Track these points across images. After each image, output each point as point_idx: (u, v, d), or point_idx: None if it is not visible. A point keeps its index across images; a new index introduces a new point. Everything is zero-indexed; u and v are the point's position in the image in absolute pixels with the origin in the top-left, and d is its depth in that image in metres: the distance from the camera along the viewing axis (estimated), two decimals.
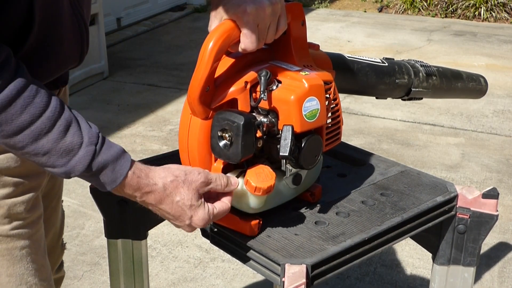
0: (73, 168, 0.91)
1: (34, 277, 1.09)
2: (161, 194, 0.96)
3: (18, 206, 1.04)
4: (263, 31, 1.02)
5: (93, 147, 0.92)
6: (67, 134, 0.90)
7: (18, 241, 1.06)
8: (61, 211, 1.41)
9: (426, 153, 3.64)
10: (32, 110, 0.88)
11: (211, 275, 2.53)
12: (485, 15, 6.83)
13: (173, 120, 4.11)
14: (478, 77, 1.68)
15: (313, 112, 1.04)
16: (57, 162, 0.91)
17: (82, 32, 1.08)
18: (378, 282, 2.48)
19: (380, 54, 5.37)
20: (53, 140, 0.89)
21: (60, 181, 1.35)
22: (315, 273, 1.02)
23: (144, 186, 0.96)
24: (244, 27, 0.99)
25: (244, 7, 0.98)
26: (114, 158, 0.94)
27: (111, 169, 0.93)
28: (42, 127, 0.89)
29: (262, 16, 1.00)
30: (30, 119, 0.88)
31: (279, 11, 1.02)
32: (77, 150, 0.91)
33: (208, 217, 0.99)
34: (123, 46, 5.83)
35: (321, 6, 7.55)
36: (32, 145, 0.89)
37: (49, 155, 0.90)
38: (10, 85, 0.86)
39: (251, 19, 0.99)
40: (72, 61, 1.10)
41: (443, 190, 1.25)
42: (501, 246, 2.73)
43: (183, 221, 0.99)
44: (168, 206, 0.97)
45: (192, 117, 1.05)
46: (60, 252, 1.43)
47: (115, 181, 0.94)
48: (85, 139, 0.92)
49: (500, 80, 4.88)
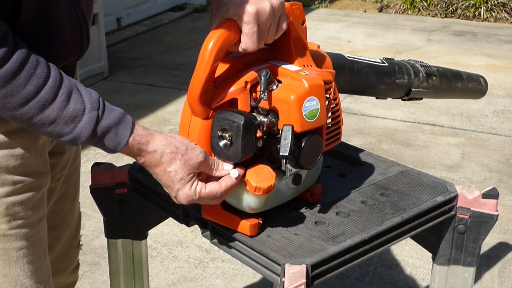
0: (79, 135, 0.94)
1: (30, 279, 1.08)
2: (157, 160, 0.99)
3: (17, 205, 1.03)
4: (264, 31, 1.02)
5: (95, 112, 0.95)
6: (70, 102, 0.93)
7: (15, 242, 1.05)
8: (77, 212, 1.40)
9: (426, 153, 3.64)
10: (36, 81, 0.90)
11: (211, 275, 2.53)
12: (485, 15, 6.83)
13: (173, 120, 4.11)
14: (478, 77, 1.68)
15: (313, 112, 1.04)
16: (64, 130, 0.93)
17: (81, 25, 1.08)
18: (378, 282, 2.47)
19: (380, 54, 5.36)
20: (58, 108, 0.92)
21: (75, 181, 1.35)
22: (315, 273, 1.02)
23: (143, 151, 0.99)
24: (245, 27, 1.00)
25: (245, 7, 0.99)
26: (116, 121, 0.97)
27: (114, 133, 0.96)
28: (46, 97, 0.91)
29: (263, 16, 1.00)
30: (34, 89, 0.90)
31: (279, 12, 1.03)
32: (81, 116, 0.93)
33: (193, 194, 1.00)
34: (123, 46, 5.83)
35: (321, 6, 7.55)
36: (39, 116, 0.91)
37: (55, 124, 0.93)
38: (13, 57, 0.88)
39: (252, 19, 0.99)
40: (73, 52, 1.10)
41: (443, 190, 1.25)
42: (501, 246, 2.73)
43: (171, 192, 1.02)
44: (161, 173, 1.00)
45: (192, 117, 1.05)
46: (75, 252, 1.42)
47: (119, 144, 0.97)
48: (87, 105, 0.94)
49: (500, 80, 4.88)
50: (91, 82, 4.72)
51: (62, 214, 1.30)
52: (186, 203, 1.02)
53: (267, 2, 1.00)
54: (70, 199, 1.33)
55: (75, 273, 1.44)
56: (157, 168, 1.00)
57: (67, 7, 1.04)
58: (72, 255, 1.40)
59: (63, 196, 1.29)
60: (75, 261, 1.43)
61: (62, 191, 1.28)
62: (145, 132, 1.00)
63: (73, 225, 1.38)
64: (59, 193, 1.27)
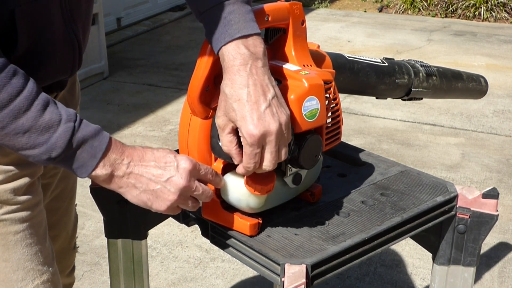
0: (54, 145, 0.92)
1: (31, 262, 1.08)
2: (141, 151, 0.97)
3: (9, 192, 1.04)
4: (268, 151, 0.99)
5: (71, 123, 0.93)
6: (45, 112, 0.92)
7: (11, 226, 1.05)
8: (74, 213, 1.40)
9: (426, 153, 3.64)
10: (10, 90, 0.89)
11: (211, 275, 2.53)
12: (485, 15, 6.83)
13: (173, 120, 4.11)
14: (478, 78, 1.68)
15: (313, 112, 1.04)
16: (38, 140, 0.92)
17: (75, 48, 1.10)
18: (378, 282, 2.47)
19: (380, 54, 5.37)
20: (32, 118, 0.91)
21: (72, 182, 1.35)
22: (315, 273, 1.02)
23: (124, 149, 0.96)
24: (247, 148, 0.97)
25: (250, 127, 0.95)
26: (92, 134, 0.95)
27: (90, 145, 0.94)
28: (20, 105, 0.90)
29: (269, 138, 0.96)
30: (8, 97, 0.89)
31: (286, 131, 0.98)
32: (56, 126, 0.92)
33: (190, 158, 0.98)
34: (123, 46, 5.83)
35: (321, 6, 7.56)
36: (12, 124, 0.90)
37: (29, 133, 0.91)
38: None
39: (256, 142, 0.96)
40: (62, 74, 1.11)
41: (443, 190, 1.25)
42: (501, 246, 2.73)
43: (171, 164, 0.97)
44: (151, 155, 0.97)
45: (192, 116, 1.05)
46: (71, 254, 1.43)
47: (95, 156, 0.94)
48: (64, 117, 0.93)
49: (500, 80, 4.88)
50: (91, 82, 4.73)
51: (59, 213, 1.31)
52: (190, 168, 0.97)
53: (276, 123, 0.95)
54: (67, 198, 1.33)
55: (71, 275, 1.44)
56: (145, 155, 0.96)
57: (62, 35, 1.06)
58: (69, 257, 1.41)
59: (60, 195, 1.29)
60: (71, 263, 1.44)
61: (59, 189, 1.28)
62: (121, 144, 0.97)
63: (69, 226, 1.38)
64: (56, 192, 1.27)
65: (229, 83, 0.95)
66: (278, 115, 0.95)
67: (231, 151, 0.98)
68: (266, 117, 0.94)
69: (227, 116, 0.96)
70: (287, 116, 0.97)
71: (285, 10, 1.08)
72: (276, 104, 0.96)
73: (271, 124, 0.94)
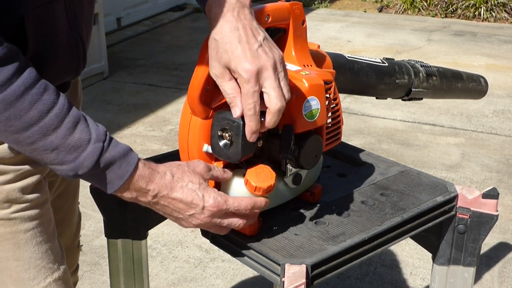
0: (82, 164, 0.92)
1: (42, 260, 1.08)
2: (169, 180, 0.97)
3: (17, 191, 1.04)
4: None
5: (101, 143, 0.93)
6: (75, 131, 0.92)
7: (21, 224, 1.05)
8: (77, 211, 1.40)
9: (426, 153, 3.64)
10: (40, 107, 0.89)
11: (211, 275, 2.53)
12: (485, 15, 6.83)
13: (173, 120, 4.11)
14: (478, 78, 1.68)
15: (313, 112, 1.04)
16: (66, 158, 0.92)
17: (79, 49, 1.10)
18: (378, 282, 2.48)
19: (380, 54, 5.37)
20: (62, 136, 0.91)
21: (76, 180, 1.35)
22: (315, 273, 1.02)
23: (152, 178, 0.97)
24: (245, 86, 0.96)
25: (244, 63, 0.94)
26: (121, 154, 0.95)
27: (118, 166, 0.94)
28: (50, 123, 0.90)
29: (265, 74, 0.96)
30: (38, 115, 0.89)
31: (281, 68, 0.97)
32: (85, 146, 0.92)
33: (219, 197, 0.98)
34: (123, 46, 5.83)
35: (321, 6, 7.56)
36: (41, 141, 0.90)
37: (57, 151, 0.91)
38: (18, 81, 0.88)
39: (253, 77, 0.95)
40: (68, 75, 1.12)
41: (443, 190, 1.25)
42: (501, 246, 2.73)
43: (197, 205, 0.98)
44: (180, 192, 0.97)
45: (192, 116, 1.05)
46: (75, 253, 1.43)
47: (122, 177, 0.95)
48: (93, 136, 0.93)
49: (500, 80, 4.88)
50: (91, 82, 4.73)
51: (63, 211, 1.31)
52: (214, 208, 0.98)
53: (270, 59, 0.94)
54: (70, 197, 1.34)
55: (74, 275, 1.44)
56: (175, 189, 0.97)
57: (68, 38, 1.06)
58: (73, 255, 1.41)
59: (64, 193, 1.30)
60: (75, 262, 1.44)
61: (62, 188, 1.29)
62: (148, 163, 0.98)
63: (73, 224, 1.39)
64: (59, 190, 1.28)
65: (218, 30, 0.94)
66: (271, 53, 0.94)
67: (236, 98, 0.95)
68: (260, 54, 0.93)
69: (221, 62, 0.94)
70: (280, 54, 0.96)
71: (285, 10, 1.08)
72: (267, 44, 0.95)
73: (265, 60, 0.93)
